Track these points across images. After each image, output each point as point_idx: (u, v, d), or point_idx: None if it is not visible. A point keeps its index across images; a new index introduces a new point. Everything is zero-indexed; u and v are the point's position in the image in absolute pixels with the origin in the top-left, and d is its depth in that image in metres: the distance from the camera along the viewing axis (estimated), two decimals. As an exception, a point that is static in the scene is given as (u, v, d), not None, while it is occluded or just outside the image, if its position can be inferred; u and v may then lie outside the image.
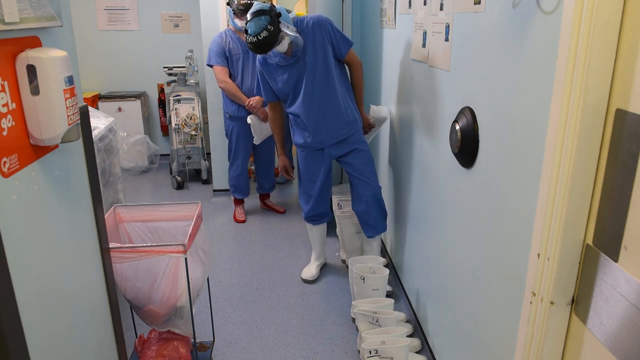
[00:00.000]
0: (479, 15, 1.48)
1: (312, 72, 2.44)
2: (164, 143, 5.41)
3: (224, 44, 3.48)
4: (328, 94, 2.49)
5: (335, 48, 2.47)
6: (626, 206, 0.93)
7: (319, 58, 2.44)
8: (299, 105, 2.52)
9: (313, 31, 2.42)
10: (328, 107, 2.51)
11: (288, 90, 2.52)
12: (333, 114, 2.52)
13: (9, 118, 1.00)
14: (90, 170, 1.42)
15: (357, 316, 2.22)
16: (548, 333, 1.14)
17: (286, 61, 2.45)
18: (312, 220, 2.87)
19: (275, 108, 2.74)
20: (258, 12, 2.21)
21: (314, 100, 2.49)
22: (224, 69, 3.50)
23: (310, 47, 2.42)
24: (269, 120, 2.79)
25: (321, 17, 2.46)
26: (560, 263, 1.08)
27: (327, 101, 2.50)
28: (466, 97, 1.63)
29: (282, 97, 2.60)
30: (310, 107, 2.51)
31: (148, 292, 1.80)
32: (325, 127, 2.54)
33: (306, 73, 2.44)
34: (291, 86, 2.50)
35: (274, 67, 2.49)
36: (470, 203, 1.63)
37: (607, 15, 0.94)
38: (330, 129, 2.54)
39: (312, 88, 2.47)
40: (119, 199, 3.13)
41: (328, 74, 2.47)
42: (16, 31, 1.02)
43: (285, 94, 2.56)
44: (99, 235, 1.50)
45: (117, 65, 5.20)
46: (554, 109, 1.06)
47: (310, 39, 2.42)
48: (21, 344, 1.02)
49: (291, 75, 2.47)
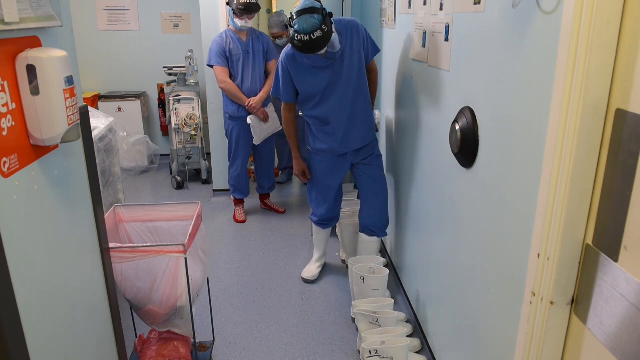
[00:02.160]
0: (479, 15, 1.48)
1: (348, 75, 2.37)
2: (164, 143, 5.41)
3: (225, 44, 3.47)
4: (360, 98, 2.46)
5: (365, 53, 2.42)
6: (626, 206, 0.93)
7: (355, 62, 2.38)
8: (330, 109, 2.44)
9: (351, 34, 2.35)
10: (359, 112, 2.48)
11: (316, 92, 2.42)
12: (362, 118, 2.50)
13: (9, 118, 1.00)
14: (90, 170, 1.42)
15: (357, 316, 2.22)
16: (548, 333, 1.14)
17: (322, 62, 2.33)
18: (323, 224, 2.85)
19: (291, 109, 2.61)
20: (310, 10, 2.09)
21: (347, 104, 2.43)
22: (224, 69, 3.49)
23: (348, 50, 2.34)
24: (284, 122, 2.65)
25: (357, 21, 2.41)
26: (560, 263, 1.08)
27: (359, 105, 2.47)
28: (466, 97, 1.63)
29: (305, 98, 2.49)
30: (343, 111, 2.45)
31: (148, 292, 1.80)
32: (354, 132, 2.51)
33: (342, 76, 2.37)
34: (321, 88, 2.40)
35: (304, 66, 2.37)
36: (470, 203, 1.63)
37: (607, 15, 0.94)
38: (358, 134, 2.51)
39: (347, 92, 2.40)
40: (119, 199, 3.13)
41: (361, 78, 2.43)
42: (16, 31, 1.02)
43: (310, 96, 2.46)
44: (99, 235, 1.50)
45: (117, 65, 5.19)
46: (554, 109, 1.06)
47: (348, 41, 2.35)
48: (21, 344, 1.02)
49: (324, 77, 2.37)
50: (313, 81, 2.39)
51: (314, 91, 2.42)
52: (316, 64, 2.34)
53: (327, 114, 2.45)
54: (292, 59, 2.39)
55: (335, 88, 2.39)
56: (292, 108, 2.60)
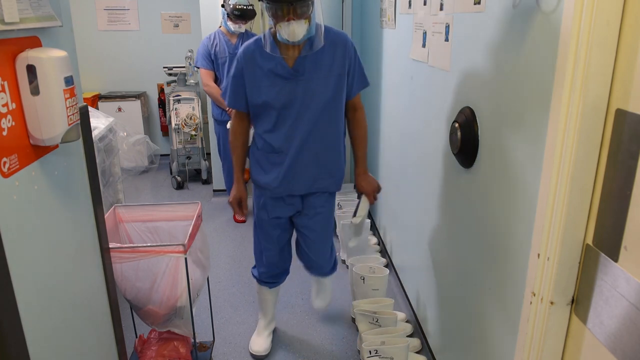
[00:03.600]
0: (479, 15, 1.48)
1: (318, 98, 1.87)
2: (164, 143, 5.41)
3: (210, 47, 3.44)
4: (327, 132, 1.94)
5: (349, 81, 1.92)
6: (626, 206, 0.93)
7: (331, 85, 1.87)
8: (283, 133, 1.91)
9: (334, 48, 1.86)
10: (321, 149, 1.95)
11: (271, 106, 1.88)
12: (325, 158, 1.97)
13: (9, 118, 1.00)
14: (90, 170, 1.42)
15: (357, 316, 2.22)
16: (548, 333, 1.14)
17: (285, 71, 1.84)
18: (269, 283, 2.26)
19: (242, 119, 2.00)
20: None
21: (307, 133, 1.90)
22: (209, 72, 3.47)
23: (326, 67, 1.85)
24: (231, 133, 2.04)
25: (348, 38, 1.91)
26: (560, 263, 1.08)
27: (323, 140, 1.94)
28: (466, 97, 1.63)
29: (257, 112, 1.94)
30: (299, 140, 1.91)
31: (148, 292, 1.80)
32: (307, 171, 1.97)
33: (309, 96, 1.86)
34: (280, 104, 1.87)
35: (264, 71, 1.85)
36: (470, 203, 1.63)
37: (607, 15, 0.94)
38: (311, 175, 1.98)
39: (310, 118, 1.89)
40: (119, 199, 3.13)
41: (335, 108, 1.92)
42: (16, 31, 1.02)
43: (263, 109, 1.91)
44: (99, 235, 1.50)
45: (117, 65, 5.20)
46: (554, 109, 1.06)
47: (328, 56, 1.85)
48: (21, 344, 1.02)
49: (284, 90, 1.85)
50: (269, 91, 1.86)
51: (267, 103, 1.87)
52: (278, 71, 1.84)
53: (276, 138, 1.93)
54: (250, 58, 1.87)
55: (296, 107, 1.87)
56: (243, 118, 2.01)
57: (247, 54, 1.88)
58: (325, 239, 2.17)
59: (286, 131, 1.91)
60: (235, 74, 1.92)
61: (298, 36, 1.74)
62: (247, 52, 1.89)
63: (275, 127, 1.92)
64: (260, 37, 1.88)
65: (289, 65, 1.84)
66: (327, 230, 2.16)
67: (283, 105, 1.87)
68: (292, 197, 2.04)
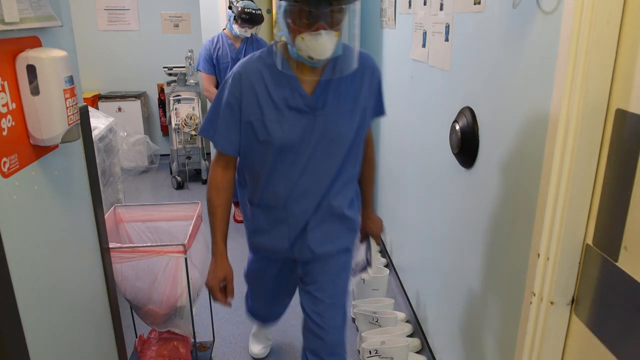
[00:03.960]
0: (479, 15, 1.48)
1: (340, 139, 1.40)
2: (164, 143, 5.41)
3: (213, 50, 3.30)
4: (348, 180, 1.49)
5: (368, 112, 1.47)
6: (626, 206, 0.93)
7: (356, 121, 1.41)
8: (289, 183, 1.43)
9: (361, 73, 1.40)
10: (342, 200, 1.50)
11: (280, 149, 1.39)
12: (345, 210, 1.51)
13: (9, 118, 1.00)
14: (90, 170, 1.42)
15: (357, 316, 2.22)
16: (548, 333, 1.14)
17: (302, 102, 1.35)
18: (264, 321, 2.10)
19: (229, 167, 1.48)
20: None
21: (325, 184, 1.45)
22: (209, 77, 3.32)
23: (351, 98, 1.39)
24: (211, 187, 1.48)
25: (374, 61, 1.48)
26: (560, 263, 1.08)
27: (343, 190, 1.50)
28: (466, 97, 1.63)
29: (251, 154, 1.44)
30: (314, 193, 1.45)
31: (148, 292, 1.80)
32: (323, 226, 1.51)
33: (329, 136, 1.38)
34: (288, 145, 1.38)
35: (272, 100, 1.35)
36: (470, 203, 1.63)
37: (607, 15, 0.94)
38: (328, 231, 1.52)
39: (329, 164, 1.43)
40: (119, 199, 3.13)
41: (357, 150, 1.49)
42: (16, 31, 1.02)
43: (263, 152, 1.41)
44: (99, 235, 1.50)
45: (117, 65, 5.20)
46: (554, 109, 1.06)
47: (354, 83, 1.39)
48: (21, 344, 1.02)
49: (297, 127, 1.37)
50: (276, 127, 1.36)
51: (271, 144, 1.38)
52: (293, 102, 1.35)
53: (284, 189, 1.44)
54: (254, 81, 1.35)
55: (310, 149, 1.39)
56: (230, 165, 1.48)
57: (249, 74, 1.35)
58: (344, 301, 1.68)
59: (295, 181, 1.43)
60: (228, 101, 1.37)
61: (327, 52, 1.23)
62: (250, 72, 1.36)
63: (278, 175, 1.43)
64: (266, 52, 1.38)
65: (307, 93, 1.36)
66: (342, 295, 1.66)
67: (292, 147, 1.38)
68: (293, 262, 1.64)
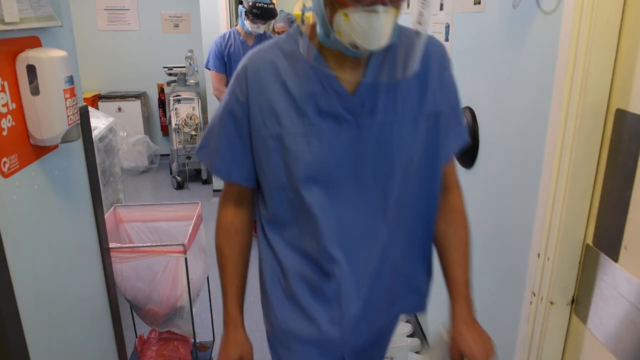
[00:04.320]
0: (479, 15, 1.48)
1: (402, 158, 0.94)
2: (164, 143, 5.41)
3: (224, 47, 3.16)
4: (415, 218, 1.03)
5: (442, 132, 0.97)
6: (626, 206, 0.93)
7: (421, 132, 0.94)
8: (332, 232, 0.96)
9: (426, 65, 0.91)
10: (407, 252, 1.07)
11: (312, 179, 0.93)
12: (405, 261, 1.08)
13: (9, 118, 1.00)
14: (90, 170, 1.42)
15: (357, 316, 2.21)
16: (548, 333, 1.14)
17: (342, 103, 0.90)
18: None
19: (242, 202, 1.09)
20: None
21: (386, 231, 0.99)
22: (220, 75, 3.18)
23: (413, 101, 0.92)
24: (221, 231, 1.15)
25: (444, 49, 0.97)
26: (560, 263, 1.08)
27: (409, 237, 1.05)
28: (466, 97, 1.63)
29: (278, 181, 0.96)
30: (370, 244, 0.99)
31: (148, 292, 1.80)
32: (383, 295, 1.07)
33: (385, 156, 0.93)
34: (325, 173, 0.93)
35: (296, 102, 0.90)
36: (470, 203, 1.62)
37: (607, 15, 0.94)
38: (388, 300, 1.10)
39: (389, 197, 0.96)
40: (119, 199, 3.13)
41: (433, 172, 1.00)
42: (16, 31, 1.02)
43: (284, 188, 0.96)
44: (99, 235, 1.50)
45: (117, 65, 5.20)
46: (554, 109, 1.06)
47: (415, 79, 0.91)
48: (21, 344, 1.02)
49: (337, 143, 0.91)
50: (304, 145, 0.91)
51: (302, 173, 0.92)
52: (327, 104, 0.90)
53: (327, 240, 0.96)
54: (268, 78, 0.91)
55: (359, 177, 0.94)
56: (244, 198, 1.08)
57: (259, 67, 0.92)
58: None
59: (340, 227, 0.96)
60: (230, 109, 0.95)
61: (383, 39, 0.80)
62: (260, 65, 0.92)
63: (311, 222, 0.96)
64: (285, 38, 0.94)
65: (348, 92, 0.90)
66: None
67: (327, 177, 0.93)
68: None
